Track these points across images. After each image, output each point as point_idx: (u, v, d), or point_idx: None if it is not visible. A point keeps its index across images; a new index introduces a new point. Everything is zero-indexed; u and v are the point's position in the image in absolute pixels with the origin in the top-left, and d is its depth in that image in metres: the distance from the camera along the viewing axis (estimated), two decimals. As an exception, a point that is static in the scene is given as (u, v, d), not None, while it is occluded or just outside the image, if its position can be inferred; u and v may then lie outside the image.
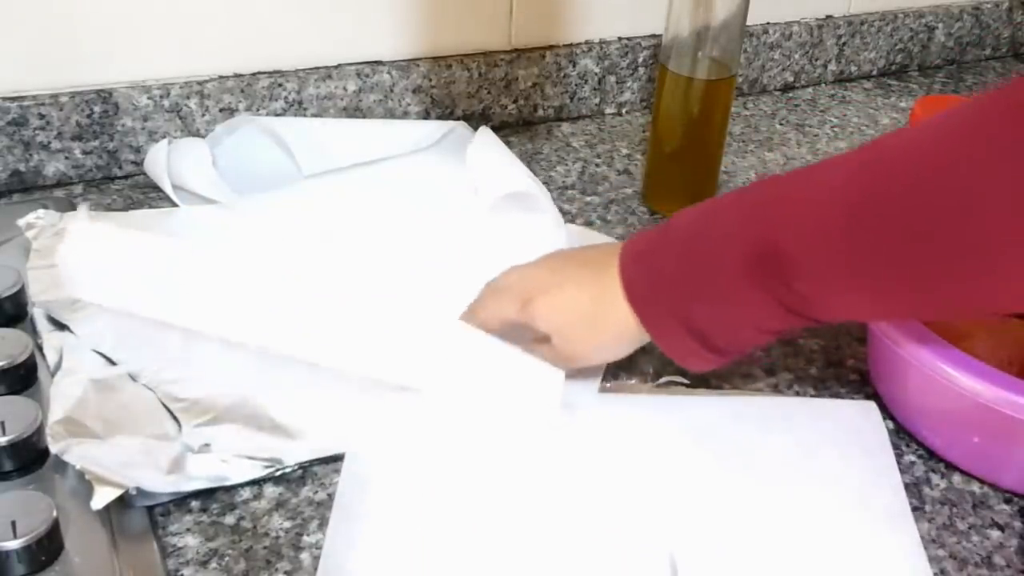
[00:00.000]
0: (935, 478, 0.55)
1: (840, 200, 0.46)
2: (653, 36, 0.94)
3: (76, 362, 0.55)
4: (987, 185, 0.41)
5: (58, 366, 0.54)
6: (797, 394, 0.60)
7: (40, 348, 0.57)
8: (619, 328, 0.53)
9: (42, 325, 0.58)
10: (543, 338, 0.56)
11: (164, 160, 0.71)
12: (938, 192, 0.42)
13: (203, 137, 0.78)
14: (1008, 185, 0.40)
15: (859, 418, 0.57)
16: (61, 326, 0.58)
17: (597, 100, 0.95)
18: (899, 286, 0.45)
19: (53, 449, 0.49)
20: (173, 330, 0.59)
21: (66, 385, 0.53)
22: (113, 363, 0.56)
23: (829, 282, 0.47)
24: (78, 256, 0.60)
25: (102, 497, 0.46)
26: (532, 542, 0.49)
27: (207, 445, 0.51)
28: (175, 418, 0.53)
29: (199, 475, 0.49)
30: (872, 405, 0.58)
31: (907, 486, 0.54)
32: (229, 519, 0.49)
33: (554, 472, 0.53)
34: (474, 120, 0.89)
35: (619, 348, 0.56)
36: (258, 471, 0.50)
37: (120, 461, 0.48)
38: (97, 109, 0.73)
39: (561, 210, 0.78)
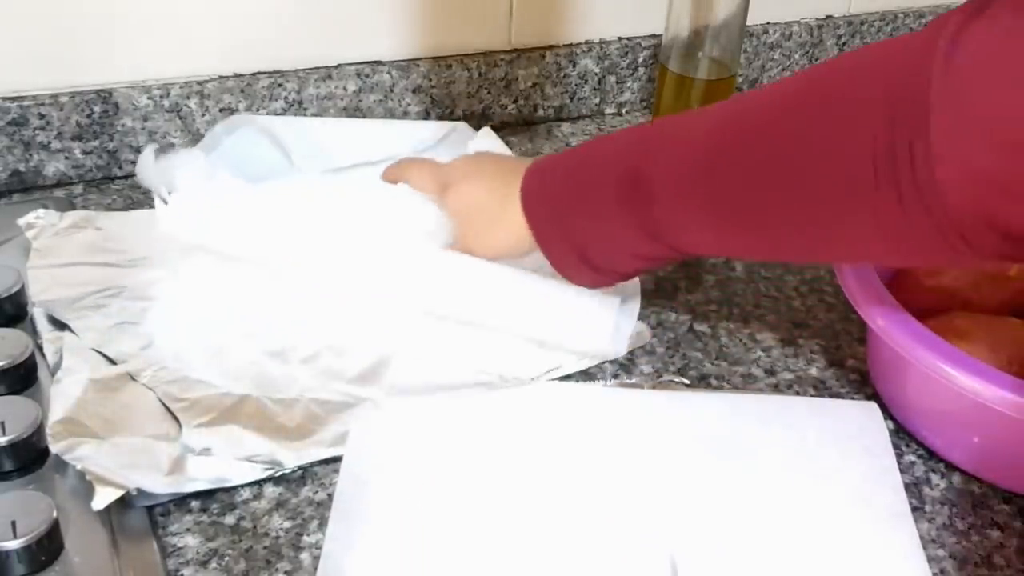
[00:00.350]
0: (935, 478, 0.55)
1: (703, 141, 0.49)
2: (653, 36, 0.94)
3: (76, 362, 0.55)
4: (818, 141, 0.43)
5: (58, 366, 0.54)
6: (797, 394, 0.60)
7: (40, 348, 0.57)
8: (513, 229, 0.58)
9: (42, 325, 0.58)
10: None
11: (153, 168, 0.68)
12: (777, 145, 0.45)
13: (204, 136, 0.78)
14: (835, 141, 0.42)
15: (860, 418, 0.57)
16: (61, 326, 0.58)
17: (597, 100, 0.94)
18: (740, 226, 0.49)
19: (53, 449, 0.49)
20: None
21: (66, 385, 0.53)
22: (113, 363, 0.56)
23: (681, 213, 0.51)
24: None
25: (103, 498, 0.46)
26: (532, 542, 0.49)
27: (207, 449, 0.51)
28: (175, 418, 0.53)
29: (199, 476, 0.49)
30: (873, 405, 0.58)
31: (907, 486, 0.54)
32: (229, 519, 0.49)
33: (554, 472, 0.53)
34: (474, 120, 0.89)
35: (511, 248, 0.59)
36: (258, 473, 0.50)
37: (120, 462, 0.48)
38: (97, 109, 0.73)
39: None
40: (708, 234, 0.51)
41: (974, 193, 0.38)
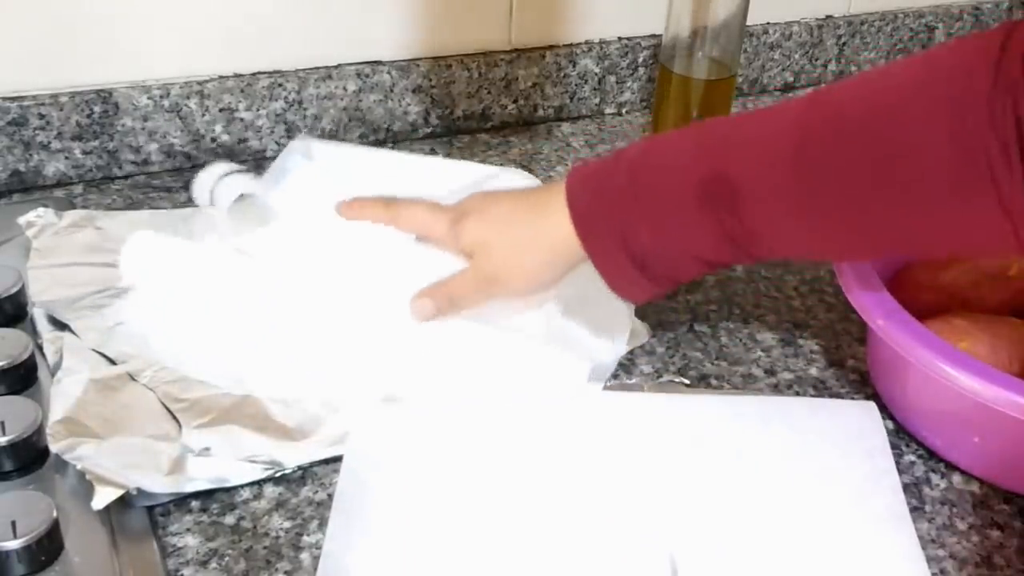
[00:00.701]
0: (935, 478, 0.55)
1: (788, 136, 0.48)
2: (653, 36, 0.94)
3: (76, 362, 0.55)
4: (925, 135, 0.43)
5: (58, 366, 0.54)
6: (797, 394, 0.60)
7: (40, 348, 0.57)
8: (552, 245, 0.53)
9: (42, 325, 0.58)
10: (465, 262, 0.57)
11: (210, 188, 0.65)
12: (880, 136, 0.45)
13: (202, 135, 0.78)
14: (943, 138, 0.43)
15: (859, 418, 0.57)
16: (61, 326, 0.58)
17: (597, 100, 0.94)
18: (837, 222, 0.48)
19: (54, 449, 0.49)
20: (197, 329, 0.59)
21: (66, 385, 0.53)
22: (113, 363, 0.56)
23: (773, 213, 0.49)
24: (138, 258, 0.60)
25: (103, 498, 0.46)
26: (532, 541, 0.49)
27: (207, 449, 0.51)
28: (175, 418, 0.53)
29: (199, 476, 0.49)
30: (872, 405, 0.58)
31: (907, 486, 0.54)
32: (229, 519, 0.49)
33: (554, 471, 0.53)
34: (474, 120, 0.89)
35: (544, 272, 0.55)
36: (258, 473, 0.50)
37: (120, 461, 0.48)
38: (97, 109, 0.73)
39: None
40: (799, 235, 0.49)
41: None
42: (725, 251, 0.51)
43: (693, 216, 0.50)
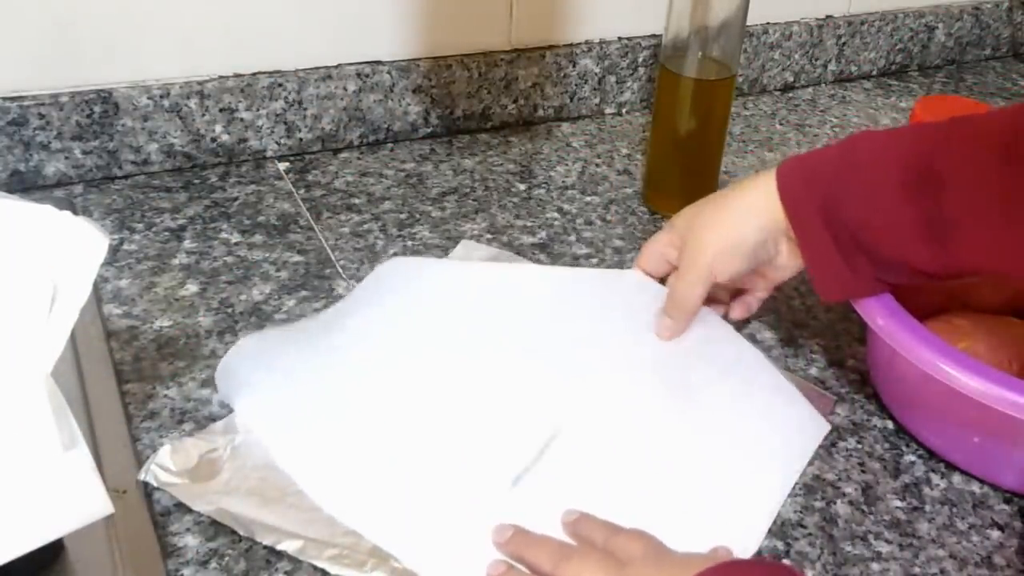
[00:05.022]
0: (935, 478, 0.55)
1: (997, 135, 0.49)
2: (653, 36, 0.94)
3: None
4: None
5: None
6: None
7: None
8: (750, 207, 0.55)
9: None
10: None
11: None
12: None
13: (202, 135, 0.78)
14: None
15: (806, 419, 0.57)
16: None
17: (597, 100, 0.95)
18: None
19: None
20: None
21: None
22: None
23: (977, 209, 0.49)
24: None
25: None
26: (428, 396, 0.54)
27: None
28: None
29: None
30: (825, 426, 0.57)
31: (907, 486, 0.54)
32: (229, 519, 0.49)
33: (472, 337, 0.57)
34: (474, 120, 0.89)
35: (751, 237, 0.55)
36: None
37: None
38: (97, 109, 0.73)
39: (560, 210, 0.78)
40: (998, 231, 0.49)
41: None
42: (923, 246, 0.51)
43: (897, 198, 0.51)
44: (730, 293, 0.63)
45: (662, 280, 0.61)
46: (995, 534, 0.51)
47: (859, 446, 0.56)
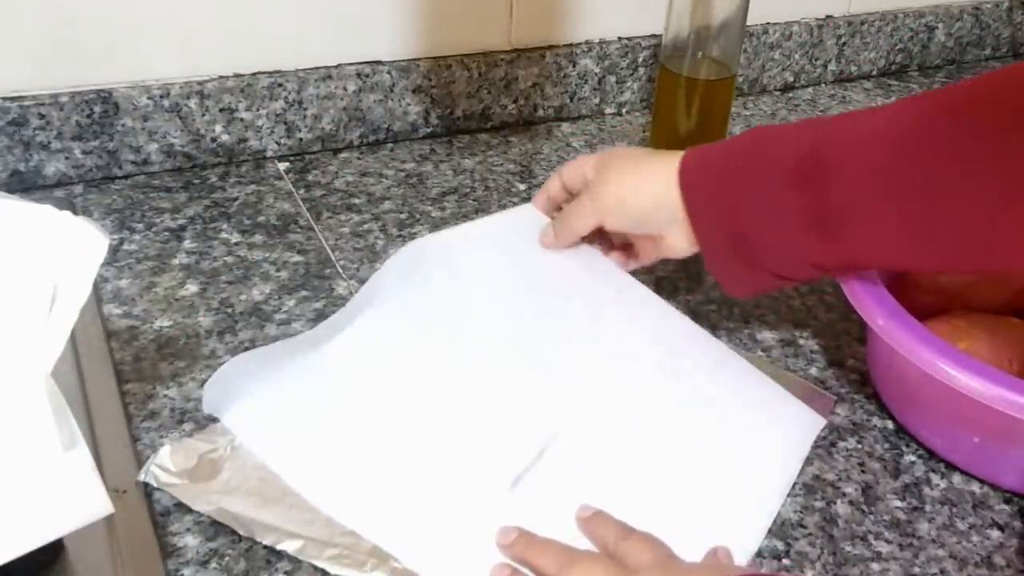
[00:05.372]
0: (935, 478, 0.55)
1: (889, 127, 0.49)
2: (653, 36, 0.94)
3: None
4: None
5: None
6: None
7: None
8: (656, 193, 0.57)
9: None
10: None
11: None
12: (1002, 103, 0.45)
13: (202, 135, 0.78)
14: None
15: (801, 414, 0.57)
16: None
17: (597, 100, 0.95)
18: (926, 219, 0.47)
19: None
20: None
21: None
22: None
23: (863, 197, 0.49)
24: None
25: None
26: (429, 405, 0.53)
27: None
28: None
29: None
30: (820, 420, 0.57)
31: (907, 486, 0.54)
32: (229, 519, 0.49)
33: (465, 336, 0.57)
34: (474, 120, 0.89)
35: (647, 203, 0.57)
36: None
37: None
38: (97, 109, 0.73)
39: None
40: (889, 227, 0.49)
41: None
42: (815, 239, 0.51)
43: (786, 191, 0.51)
44: (619, 241, 0.64)
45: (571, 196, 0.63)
46: (995, 534, 0.51)
47: (859, 446, 0.56)
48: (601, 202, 0.59)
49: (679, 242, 0.58)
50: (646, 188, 0.58)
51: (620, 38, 0.93)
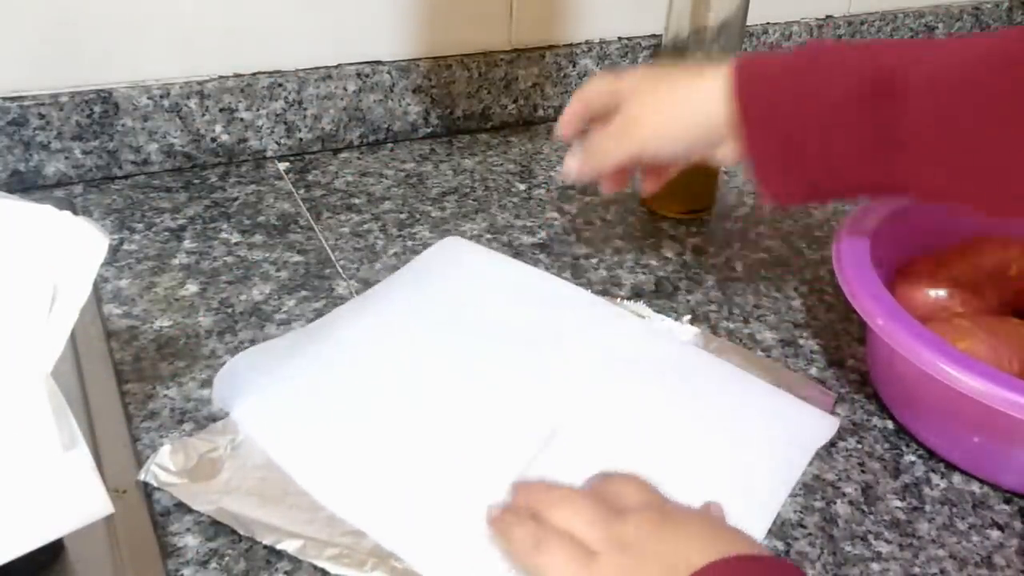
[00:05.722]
0: (935, 478, 0.55)
1: (964, 60, 0.48)
2: (653, 36, 0.94)
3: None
4: None
5: None
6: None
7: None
8: (703, 115, 0.54)
9: None
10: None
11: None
12: None
13: (202, 135, 0.78)
14: None
15: (813, 421, 0.57)
16: None
17: (597, 100, 0.94)
18: (994, 157, 0.47)
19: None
20: None
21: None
22: None
23: (929, 125, 0.48)
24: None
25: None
26: (429, 400, 0.54)
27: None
28: None
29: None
30: (834, 421, 0.57)
31: (907, 486, 0.54)
32: (229, 519, 0.49)
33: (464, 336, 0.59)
34: (474, 120, 0.89)
35: (694, 133, 0.55)
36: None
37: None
38: (97, 109, 0.73)
39: (560, 210, 0.78)
40: (953, 158, 0.49)
41: None
42: (878, 156, 0.50)
43: (849, 106, 0.50)
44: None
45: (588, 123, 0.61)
46: (995, 534, 0.51)
47: (859, 446, 0.56)
48: (639, 135, 0.57)
49: (726, 158, 0.56)
50: (689, 118, 0.55)
51: (620, 38, 0.93)
